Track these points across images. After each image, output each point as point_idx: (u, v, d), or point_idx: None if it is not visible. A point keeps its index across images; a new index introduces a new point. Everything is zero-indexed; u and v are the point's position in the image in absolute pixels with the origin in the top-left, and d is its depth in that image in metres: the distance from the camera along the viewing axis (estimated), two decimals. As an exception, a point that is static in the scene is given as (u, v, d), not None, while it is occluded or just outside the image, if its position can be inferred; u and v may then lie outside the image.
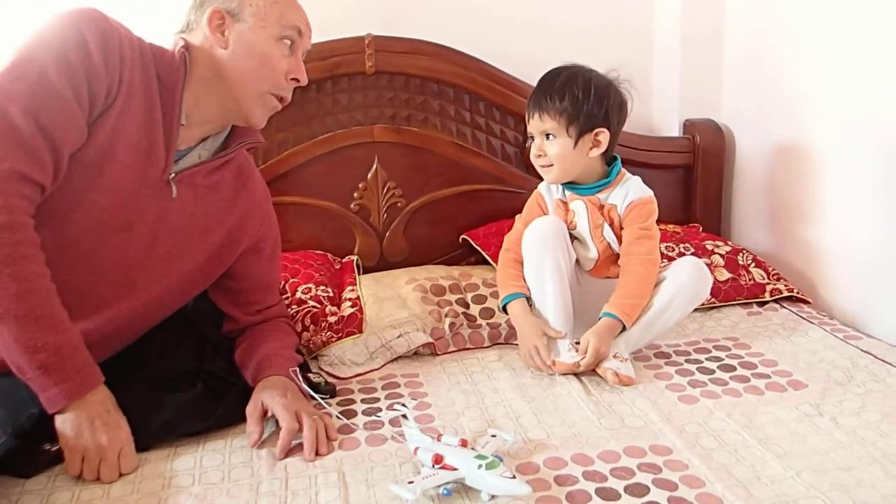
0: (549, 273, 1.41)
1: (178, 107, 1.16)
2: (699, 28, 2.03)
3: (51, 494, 1.04)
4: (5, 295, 1.00)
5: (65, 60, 1.03)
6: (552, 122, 1.42)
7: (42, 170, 1.03)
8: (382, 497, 1.01)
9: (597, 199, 1.47)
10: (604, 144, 1.43)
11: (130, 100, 1.11)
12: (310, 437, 1.12)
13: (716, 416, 1.21)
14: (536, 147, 1.46)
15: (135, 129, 1.12)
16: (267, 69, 1.19)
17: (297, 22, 1.21)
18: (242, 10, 1.17)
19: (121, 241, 1.06)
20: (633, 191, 1.46)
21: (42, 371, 1.03)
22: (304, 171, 1.85)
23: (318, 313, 1.54)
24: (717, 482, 1.02)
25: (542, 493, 1.00)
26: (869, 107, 1.58)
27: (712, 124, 2.05)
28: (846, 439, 1.12)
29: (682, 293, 1.41)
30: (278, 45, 1.19)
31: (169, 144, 1.15)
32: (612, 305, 1.39)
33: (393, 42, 1.85)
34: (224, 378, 1.28)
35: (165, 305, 1.27)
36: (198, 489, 1.04)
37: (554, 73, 1.47)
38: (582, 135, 1.42)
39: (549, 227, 1.44)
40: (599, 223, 1.47)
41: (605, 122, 1.43)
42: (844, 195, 1.68)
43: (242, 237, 1.32)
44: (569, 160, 1.44)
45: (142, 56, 1.13)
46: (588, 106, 1.41)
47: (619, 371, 1.32)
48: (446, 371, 1.43)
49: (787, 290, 1.73)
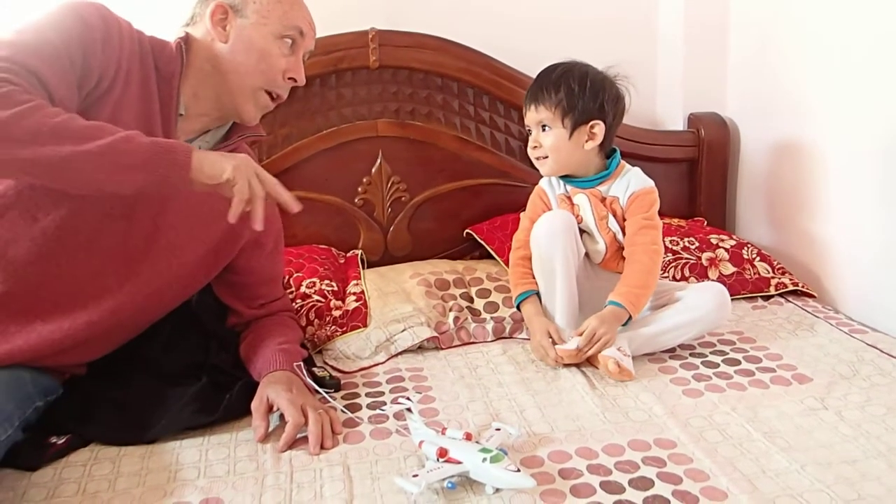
0: (558, 266, 1.41)
1: (176, 98, 1.16)
2: (704, 21, 2.02)
3: (57, 487, 1.05)
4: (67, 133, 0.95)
5: (64, 28, 1.03)
6: (547, 113, 1.43)
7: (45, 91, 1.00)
8: (387, 490, 1.01)
9: (598, 192, 1.48)
10: (599, 137, 1.44)
11: (128, 89, 1.11)
12: (315, 431, 1.12)
13: (720, 409, 1.21)
14: (532, 139, 1.47)
15: (133, 118, 1.11)
16: (264, 65, 1.19)
17: (299, 22, 1.21)
18: (246, 5, 1.18)
19: (121, 229, 1.07)
20: (635, 182, 1.46)
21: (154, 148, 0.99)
22: (308, 165, 1.85)
23: (323, 307, 1.54)
24: (722, 475, 1.02)
25: (546, 486, 1.00)
26: (873, 100, 1.58)
27: (717, 118, 2.05)
28: (851, 433, 1.12)
29: (702, 321, 1.42)
30: (278, 43, 1.19)
31: (167, 135, 1.15)
32: (618, 294, 1.39)
33: (397, 36, 1.85)
34: (229, 372, 1.29)
35: (168, 299, 1.27)
36: (203, 482, 1.05)
37: (551, 68, 1.48)
38: (577, 126, 1.43)
39: (559, 221, 1.43)
40: (604, 215, 1.47)
41: (601, 114, 1.44)
42: (849, 189, 1.67)
43: (243, 230, 1.32)
44: (563, 151, 1.44)
45: (140, 47, 1.13)
46: (584, 98, 1.42)
47: (620, 362, 1.32)
48: (451, 365, 1.43)
49: (792, 284, 1.72)
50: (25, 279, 1.04)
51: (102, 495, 1.03)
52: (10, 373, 1.08)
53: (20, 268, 1.05)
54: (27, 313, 1.09)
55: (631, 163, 1.51)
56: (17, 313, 1.09)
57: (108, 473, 1.08)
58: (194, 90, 1.19)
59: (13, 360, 1.09)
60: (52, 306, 1.03)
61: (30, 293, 1.06)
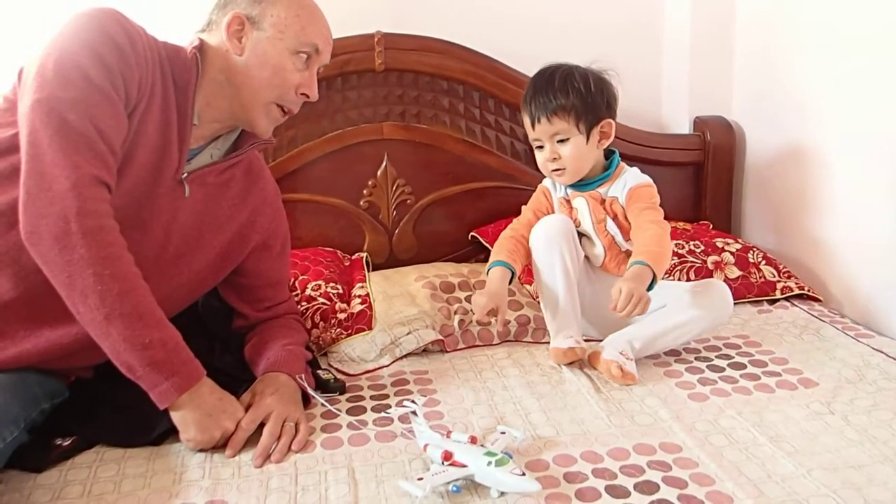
0: (558, 271, 1.41)
1: (191, 107, 1.16)
2: (709, 24, 2.02)
3: (63, 488, 1.05)
4: (109, 295, 1.01)
5: (102, 62, 1.04)
6: (562, 123, 1.40)
7: (109, 172, 1.06)
8: (392, 493, 1.01)
9: (598, 194, 1.47)
10: (611, 135, 1.43)
11: (152, 100, 1.12)
12: (263, 442, 1.11)
13: (726, 413, 1.20)
14: (549, 152, 1.43)
15: (154, 129, 1.12)
16: (277, 80, 1.19)
17: (316, 39, 1.20)
18: (263, 18, 1.17)
19: (133, 240, 1.08)
20: (631, 179, 1.45)
21: (152, 367, 1.04)
22: (313, 168, 1.85)
23: (328, 310, 1.54)
24: (728, 480, 1.01)
25: (551, 490, 1.00)
26: (880, 104, 1.57)
27: (723, 121, 2.05)
28: (857, 437, 1.11)
29: (704, 319, 1.40)
30: (293, 58, 1.19)
31: (182, 144, 1.16)
32: (639, 254, 1.34)
33: (403, 39, 1.85)
34: (234, 375, 1.29)
35: (176, 303, 1.27)
36: (208, 484, 1.05)
37: (548, 74, 1.45)
38: (591, 128, 1.42)
39: (556, 226, 1.43)
40: (602, 218, 1.46)
41: (609, 112, 1.43)
42: (855, 192, 1.67)
43: (252, 234, 1.33)
44: (583, 158, 1.43)
45: (159, 56, 1.14)
46: (592, 98, 1.41)
47: (623, 366, 1.31)
48: (455, 368, 1.43)
49: (798, 288, 1.72)
50: (37, 285, 1.05)
51: (108, 497, 1.03)
52: (16, 375, 1.08)
53: (32, 274, 1.05)
54: (37, 319, 1.10)
55: (637, 166, 1.51)
56: (27, 318, 1.09)
57: (113, 475, 1.08)
58: (207, 99, 1.19)
59: (21, 364, 1.09)
60: (62, 312, 1.04)
61: (40, 299, 1.06)
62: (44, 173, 1.00)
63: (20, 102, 1.05)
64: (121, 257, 1.04)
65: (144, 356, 1.03)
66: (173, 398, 1.06)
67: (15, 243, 1.05)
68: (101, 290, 1.01)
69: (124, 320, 1.02)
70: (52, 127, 1.01)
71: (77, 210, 1.00)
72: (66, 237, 1.00)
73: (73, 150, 1.01)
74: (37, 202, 1.00)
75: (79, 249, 1.00)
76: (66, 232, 1.00)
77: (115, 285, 1.02)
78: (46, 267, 1.02)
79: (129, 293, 1.03)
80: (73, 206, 1.00)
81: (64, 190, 1.00)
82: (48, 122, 1.01)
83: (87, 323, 1.03)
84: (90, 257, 1.00)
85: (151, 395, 1.06)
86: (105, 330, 1.02)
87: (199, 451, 1.12)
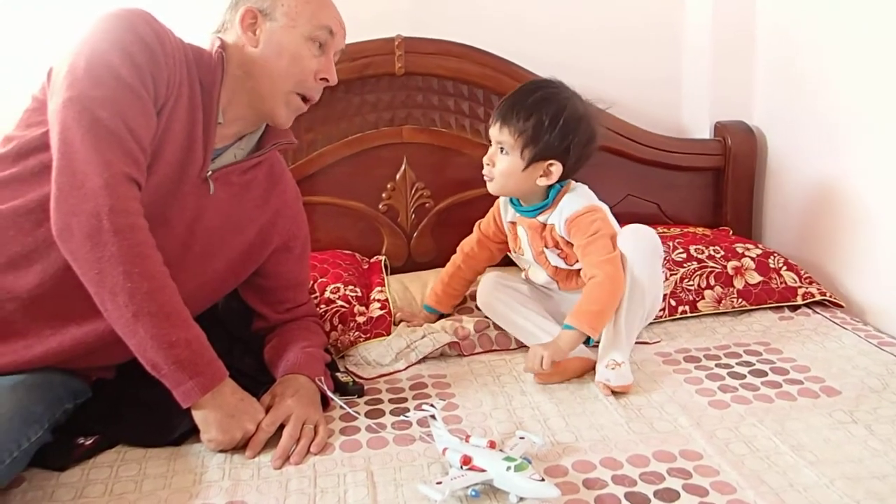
0: (513, 306, 1.50)
1: (217, 106, 1.17)
2: (731, 29, 2.01)
3: (84, 487, 1.06)
4: (138, 293, 1.02)
5: (132, 61, 1.06)
6: (509, 138, 1.38)
7: (140, 170, 1.07)
8: (411, 497, 1.01)
9: (536, 223, 1.45)
10: (554, 177, 1.39)
11: (179, 100, 1.13)
12: (284, 444, 1.12)
13: (747, 421, 1.19)
14: (488, 155, 1.43)
15: (180, 128, 1.14)
16: (296, 68, 1.20)
17: (328, 22, 1.21)
18: (275, 9, 1.18)
19: (157, 237, 1.09)
20: (567, 207, 1.41)
21: (177, 366, 1.05)
22: (332, 171, 1.86)
23: (347, 313, 1.55)
24: (749, 489, 1.01)
25: (570, 496, 1.00)
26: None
27: (744, 126, 2.03)
28: (881, 447, 1.10)
29: (637, 263, 1.37)
30: (308, 44, 1.20)
31: (207, 143, 1.17)
32: (573, 315, 1.34)
33: (422, 43, 1.85)
34: (253, 376, 1.29)
35: (197, 303, 1.28)
36: (228, 484, 1.06)
37: (532, 87, 1.42)
38: (534, 161, 1.38)
39: (491, 281, 1.54)
40: (540, 249, 1.46)
41: (563, 156, 1.38)
42: (879, 197, 1.65)
43: (274, 236, 1.34)
44: (512, 180, 1.41)
45: (185, 57, 1.15)
46: (550, 135, 1.36)
47: (609, 383, 1.30)
48: (473, 372, 1.42)
49: (819, 294, 1.70)
50: (65, 282, 1.06)
51: (129, 496, 1.04)
52: (41, 376, 1.09)
53: (60, 271, 1.06)
54: (63, 316, 1.11)
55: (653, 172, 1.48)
56: (53, 316, 1.11)
57: (134, 475, 1.09)
58: (229, 97, 1.20)
59: (46, 363, 1.10)
60: (89, 309, 1.05)
61: (68, 296, 1.07)
62: (76, 171, 1.01)
63: (50, 101, 1.06)
64: (150, 256, 1.05)
65: (170, 355, 1.04)
66: (196, 398, 1.07)
67: (44, 240, 1.06)
68: (131, 287, 1.02)
69: (152, 319, 1.03)
70: (84, 125, 1.02)
71: (109, 207, 1.01)
72: (98, 234, 1.01)
73: (105, 147, 1.02)
74: (69, 199, 1.01)
75: (110, 247, 1.01)
76: (97, 229, 1.01)
77: (144, 283, 1.03)
78: (77, 264, 1.03)
79: (157, 292, 1.04)
80: (106, 204, 1.01)
81: (96, 187, 1.01)
82: (80, 120, 1.02)
83: (115, 320, 1.04)
84: (121, 255, 1.01)
85: (175, 393, 1.06)
86: (132, 328, 1.03)
87: (220, 452, 1.13)
